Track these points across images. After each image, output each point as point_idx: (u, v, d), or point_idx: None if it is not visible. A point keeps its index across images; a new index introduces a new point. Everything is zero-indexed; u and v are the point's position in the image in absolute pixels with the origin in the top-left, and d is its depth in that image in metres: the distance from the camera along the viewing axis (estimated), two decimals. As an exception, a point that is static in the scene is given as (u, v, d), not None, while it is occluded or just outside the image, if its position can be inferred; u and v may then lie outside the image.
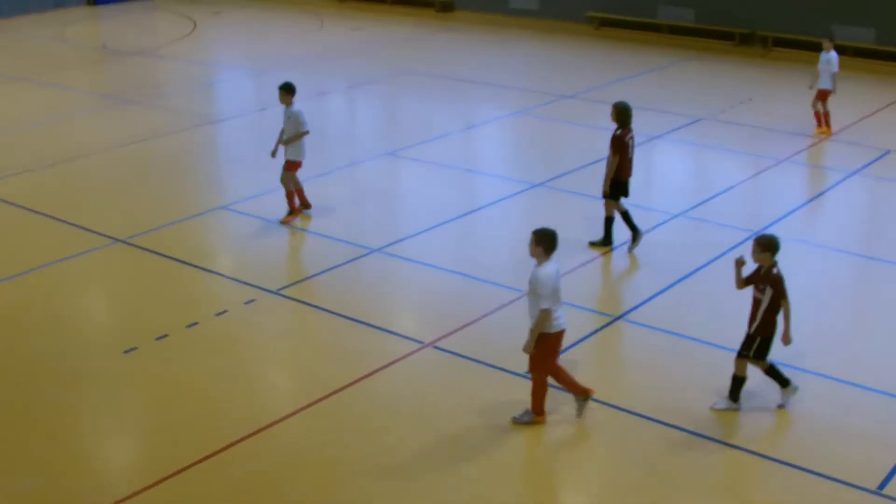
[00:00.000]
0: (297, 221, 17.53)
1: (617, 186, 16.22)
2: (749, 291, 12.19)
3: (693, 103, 25.26)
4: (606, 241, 16.59)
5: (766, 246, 12.03)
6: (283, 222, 17.43)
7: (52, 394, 12.53)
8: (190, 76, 28.38)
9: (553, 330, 11.58)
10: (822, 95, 22.50)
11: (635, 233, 16.39)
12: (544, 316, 11.43)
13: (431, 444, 11.59)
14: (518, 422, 11.88)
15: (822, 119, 22.62)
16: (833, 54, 22.34)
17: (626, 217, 16.45)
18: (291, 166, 17.51)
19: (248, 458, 11.23)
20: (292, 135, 17.42)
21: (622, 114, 15.94)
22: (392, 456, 11.36)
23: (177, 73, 28.97)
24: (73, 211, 18.06)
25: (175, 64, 29.91)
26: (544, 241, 11.65)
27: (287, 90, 17.47)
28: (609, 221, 16.46)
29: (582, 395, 12.00)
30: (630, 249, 16.36)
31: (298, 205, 17.65)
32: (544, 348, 11.62)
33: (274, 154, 17.88)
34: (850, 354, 13.64)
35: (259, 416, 11.97)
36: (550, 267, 11.61)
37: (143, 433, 11.93)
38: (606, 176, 16.05)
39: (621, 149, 16.06)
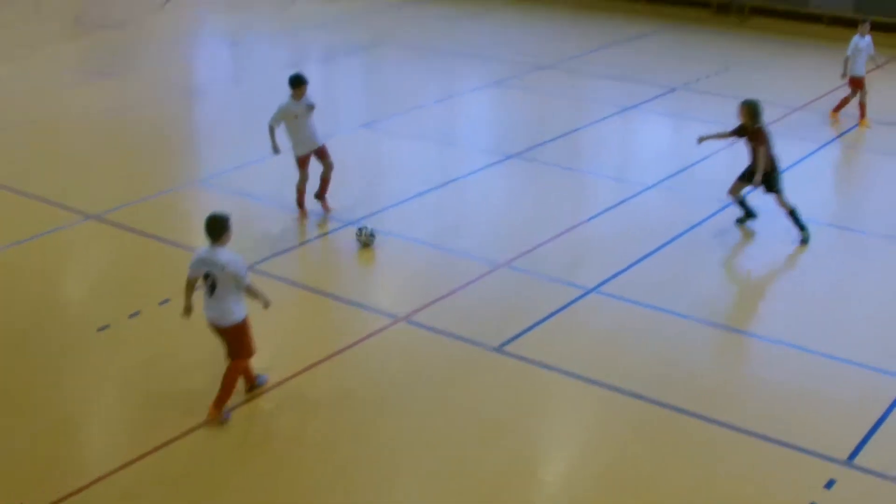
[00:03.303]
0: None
1: (767, 176, 16.08)
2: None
3: (669, 72, 25.25)
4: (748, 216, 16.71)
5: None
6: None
7: (25, 372, 12.49)
8: (165, 48, 28.21)
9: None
10: (861, 83, 21.46)
11: (749, 214, 16.61)
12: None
13: (407, 420, 11.61)
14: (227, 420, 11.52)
15: (862, 108, 21.65)
16: (869, 38, 21.40)
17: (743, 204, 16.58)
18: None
19: (222, 433, 11.23)
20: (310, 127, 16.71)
21: (755, 114, 15.87)
22: (367, 429, 11.37)
23: (151, 45, 28.79)
24: (47, 186, 17.96)
25: (149, 36, 29.74)
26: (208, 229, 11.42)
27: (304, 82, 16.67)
28: (792, 213, 16.17)
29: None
30: (741, 222, 16.68)
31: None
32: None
33: (277, 150, 16.89)
34: (825, 325, 13.70)
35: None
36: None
37: (118, 410, 11.91)
38: (761, 168, 15.87)
39: (768, 140, 15.93)
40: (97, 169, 19.11)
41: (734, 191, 16.41)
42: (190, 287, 11.54)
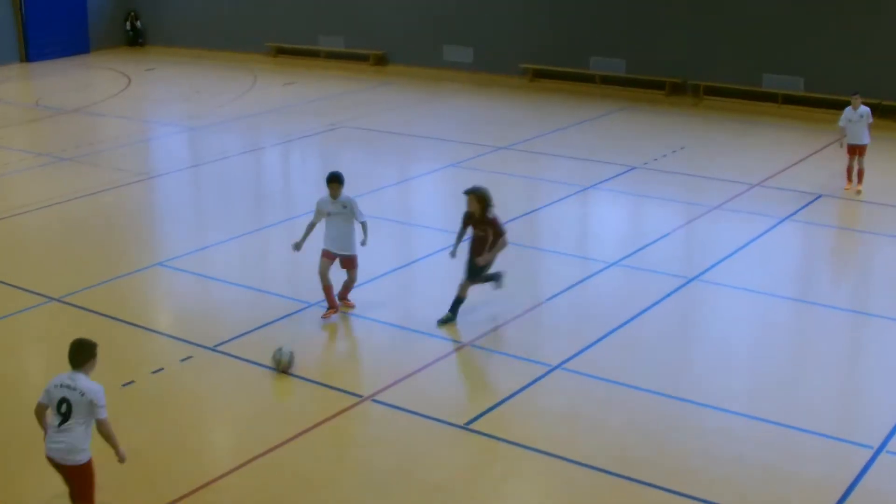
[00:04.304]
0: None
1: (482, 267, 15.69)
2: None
3: (626, 152, 25.49)
4: None
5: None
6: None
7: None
8: (125, 133, 28.23)
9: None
10: (861, 151, 22.04)
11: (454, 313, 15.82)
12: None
13: (372, 499, 11.53)
14: None
15: (853, 175, 22.23)
16: (864, 109, 21.93)
17: None
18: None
19: (186, 517, 11.13)
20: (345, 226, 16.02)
21: (487, 201, 15.32)
22: (332, 511, 11.31)
23: (112, 129, 28.80)
24: (7, 270, 17.86)
25: (110, 121, 29.78)
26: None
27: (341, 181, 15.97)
28: (460, 301, 15.81)
29: None
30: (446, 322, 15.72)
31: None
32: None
33: (299, 247, 16.24)
34: (787, 398, 13.76)
35: (197, 474, 11.84)
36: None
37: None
38: (495, 254, 15.44)
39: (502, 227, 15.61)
40: (57, 253, 19.02)
41: (464, 289, 15.63)
42: (40, 416, 10.40)
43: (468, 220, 15.48)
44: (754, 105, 30.39)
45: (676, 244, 19.50)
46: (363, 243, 16.01)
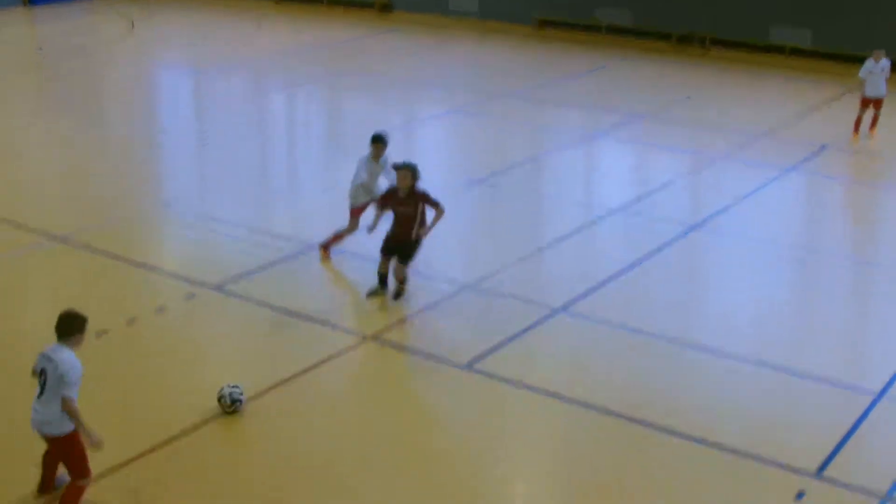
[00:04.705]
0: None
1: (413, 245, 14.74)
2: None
3: (632, 101, 25.41)
4: None
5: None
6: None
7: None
8: (130, 77, 28.12)
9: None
10: (878, 104, 22.44)
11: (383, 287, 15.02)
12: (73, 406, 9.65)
13: (372, 439, 11.56)
14: None
15: (860, 126, 22.64)
16: (885, 61, 22.22)
17: None
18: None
19: (187, 454, 11.13)
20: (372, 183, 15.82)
21: (417, 176, 14.61)
22: (335, 447, 11.32)
23: (116, 73, 28.69)
24: (12, 209, 17.83)
25: (114, 65, 29.64)
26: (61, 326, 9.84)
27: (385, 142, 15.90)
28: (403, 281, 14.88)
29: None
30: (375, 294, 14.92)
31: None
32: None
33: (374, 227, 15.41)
34: (793, 342, 13.80)
35: (197, 412, 11.84)
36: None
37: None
38: (429, 229, 14.59)
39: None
40: (63, 192, 18.99)
41: (385, 267, 14.79)
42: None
43: (390, 197, 14.61)
44: (761, 57, 30.25)
45: (681, 192, 19.47)
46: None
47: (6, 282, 15.38)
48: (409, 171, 14.50)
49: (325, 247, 16.10)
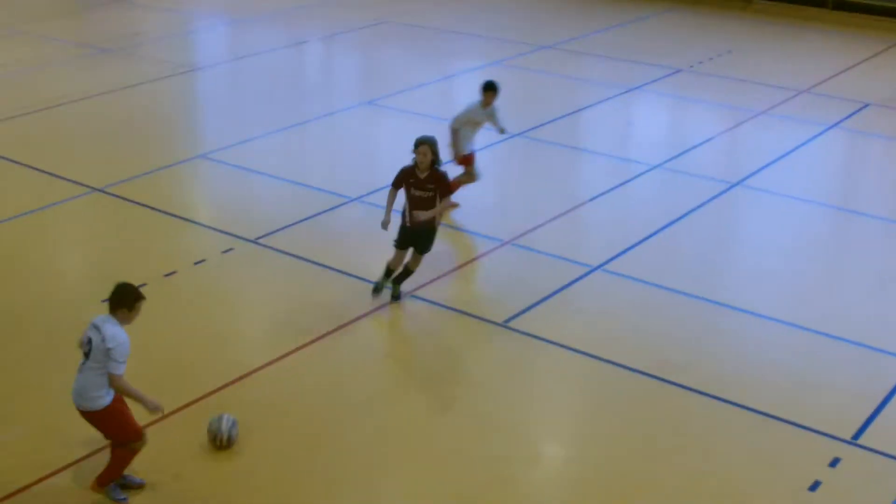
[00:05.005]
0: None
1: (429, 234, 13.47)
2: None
3: (671, 54, 25.18)
4: None
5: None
6: None
7: (32, 344, 12.48)
8: (166, 24, 28.11)
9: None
10: None
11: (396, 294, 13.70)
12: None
13: (412, 392, 11.62)
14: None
15: None
16: None
17: None
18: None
19: (226, 407, 11.20)
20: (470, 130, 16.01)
21: (437, 152, 13.09)
22: (371, 400, 11.38)
23: (153, 21, 28.67)
24: (49, 160, 17.93)
25: (151, 12, 29.61)
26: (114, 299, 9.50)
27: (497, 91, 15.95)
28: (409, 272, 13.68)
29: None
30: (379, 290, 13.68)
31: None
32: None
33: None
34: (830, 306, 13.73)
35: (237, 366, 11.96)
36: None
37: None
38: (440, 217, 13.47)
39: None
40: (100, 144, 19.04)
41: (398, 262, 13.42)
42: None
43: (407, 177, 13.04)
44: (804, 10, 29.88)
45: (720, 149, 19.35)
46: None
47: (43, 234, 15.49)
48: (429, 146, 12.81)
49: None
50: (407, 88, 22.31)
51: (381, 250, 14.93)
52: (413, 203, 12.93)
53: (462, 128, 15.83)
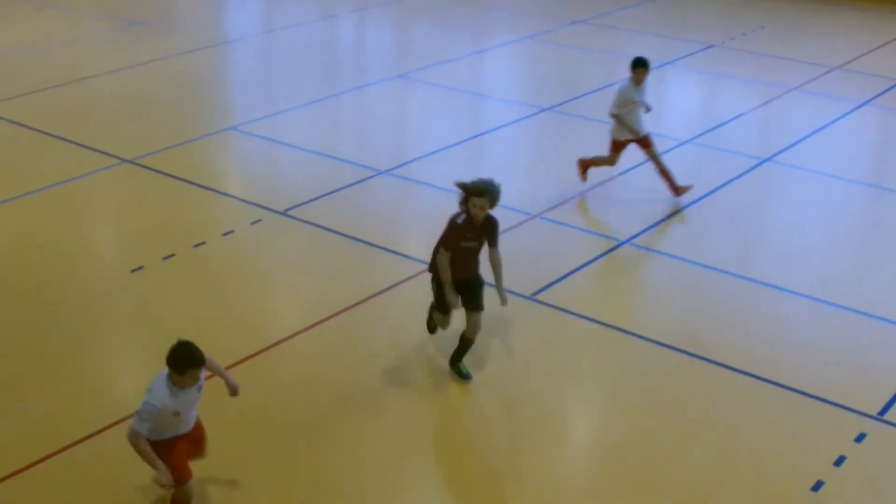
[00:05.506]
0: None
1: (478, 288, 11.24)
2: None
3: (704, 30, 25.07)
4: None
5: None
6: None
7: (60, 313, 12.56)
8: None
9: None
10: None
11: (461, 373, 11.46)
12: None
13: (438, 361, 11.64)
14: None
15: None
16: None
17: None
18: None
19: (252, 377, 11.26)
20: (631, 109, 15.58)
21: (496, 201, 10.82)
22: (398, 372, 11.41)
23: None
24: (79, 131, 18.01)
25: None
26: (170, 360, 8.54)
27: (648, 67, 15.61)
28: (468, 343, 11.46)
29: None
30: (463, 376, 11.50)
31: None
32: None
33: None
34: (858, 282, 13.66)
35: (264, 336, 12.00)
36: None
37: (150, 351, 11.92)
38: (502, 276, 11.15)
39: None
40: (131, 116, 19.10)
41: (445, 323, 11.49)
42: None
43: (463, 231, 10.72)
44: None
45: (751, 125, 19.25)
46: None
47: (74, 205, 15.56)
48: (488, 200, 10.61)
49: (585, 165, 16.02)
50: (438, 62, 22.28)
51: (407, 222, 14.98)
52: (461, 253, 10.77)
53: (621, 111, 15.45)
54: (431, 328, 11.86)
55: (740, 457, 10.24)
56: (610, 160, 15.87)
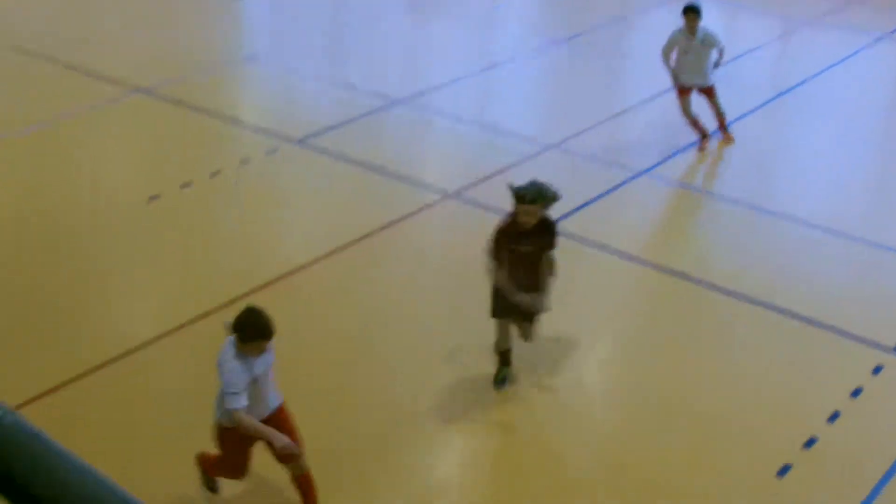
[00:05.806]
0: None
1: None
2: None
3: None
4: None
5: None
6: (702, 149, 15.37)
7: (77, 241, 12.60)
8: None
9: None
10: None
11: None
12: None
13: (454, 290, 11.67)
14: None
15: None
16: None
17: None
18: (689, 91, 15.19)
19: (270, 303, 11.27)
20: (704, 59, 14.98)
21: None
22: (413, 303, 11.46)
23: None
24: (94, 60, 17.94)
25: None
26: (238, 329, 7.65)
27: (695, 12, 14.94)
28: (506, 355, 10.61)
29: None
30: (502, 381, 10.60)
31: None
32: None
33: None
34: (874, 215, 13.65)
35: (280, 264, 12.03)
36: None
37: (167, 279, 11.98)
38: (548, 287, 9.91)
39: None
40: (145, 44, 19.03)
41: (506, 336, 10.22)
42: None
43: (511, 238, 9.55)
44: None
45: (768, 58, 19.14)
46: (716, 65, 15.07)
47: (86, 135, 15.55)
48: (540, 206, 9.41)
49: (697, 127, 15.30)
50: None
51: (424, 151, 14.95)
52: (517, 260, 9.62)
53: (668, 58, 15.03)
54: (498, 376, 10.34)
55: (755, 387, 10.28)
56: (682, 108, 15.23)
